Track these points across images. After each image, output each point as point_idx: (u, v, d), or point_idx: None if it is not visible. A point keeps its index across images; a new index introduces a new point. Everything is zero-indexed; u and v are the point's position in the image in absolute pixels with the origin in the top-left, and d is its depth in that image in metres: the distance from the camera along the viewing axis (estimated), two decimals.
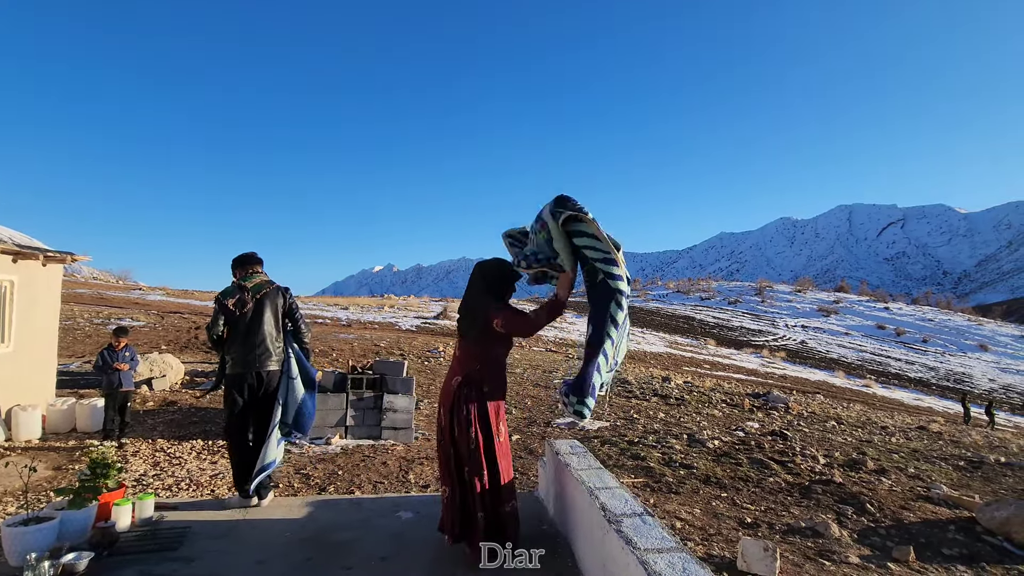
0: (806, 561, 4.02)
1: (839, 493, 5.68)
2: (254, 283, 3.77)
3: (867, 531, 4.80)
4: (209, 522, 3.11)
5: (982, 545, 4.66)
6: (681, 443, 7.50)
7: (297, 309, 3.95)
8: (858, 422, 12.06)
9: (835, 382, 32.76)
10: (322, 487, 5.37)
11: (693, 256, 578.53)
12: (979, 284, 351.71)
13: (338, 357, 14.60)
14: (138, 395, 8.93)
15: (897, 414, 17.87)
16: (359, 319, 30.13)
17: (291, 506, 3.43)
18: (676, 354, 34.59)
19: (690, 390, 14.57)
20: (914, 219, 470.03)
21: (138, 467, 5.73)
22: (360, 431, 7.45)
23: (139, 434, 7.02)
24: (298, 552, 2.74)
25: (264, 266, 4.00)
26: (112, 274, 58.66)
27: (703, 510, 5.04)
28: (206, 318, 22.51)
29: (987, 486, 6.79)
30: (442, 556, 2.70)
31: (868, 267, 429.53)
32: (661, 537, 1.98)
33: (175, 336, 16.81)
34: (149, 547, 2.69)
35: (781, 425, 9.91)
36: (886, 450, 8.35)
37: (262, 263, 3.98)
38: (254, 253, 3.98)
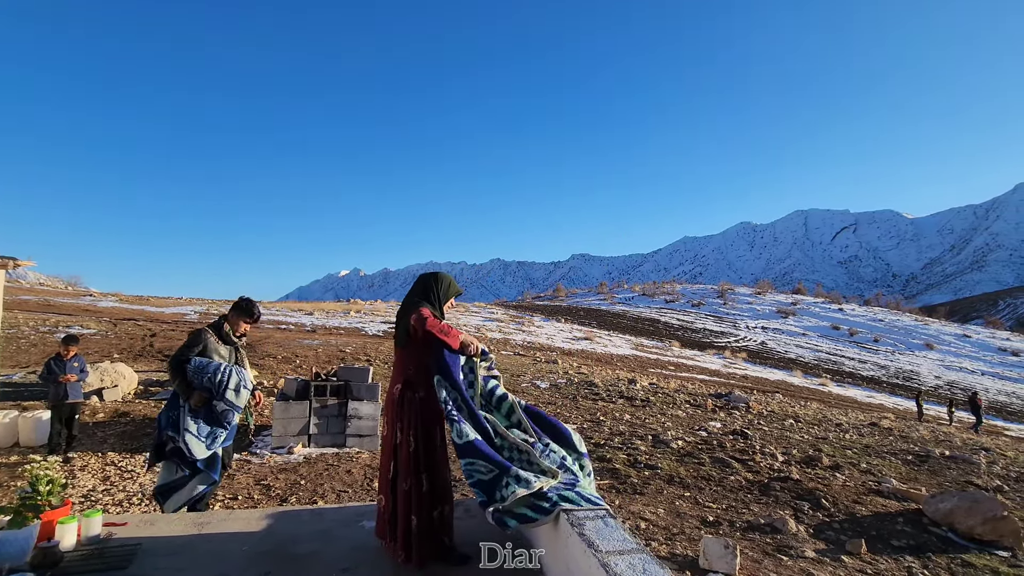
0: (765, 557, 4.14)
1: (796, 489, 5.87)
2: None
3: (822, 526, 4.97)
4: (162, 538, 2.98)
5: (928, 536, 4.89)
6: (646, 444, 7.62)
7: None
8: (815, 420, 12.48)
9: (793, 381, 33.85)
10: (283, 498, 5.23)
11: (658, 260, 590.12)
12: (925, 286, 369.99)
13: (301, 364, 14.27)
14: (87, 406, 8.53)
15: (851, 411, 18.57)
16: (324, 324, 29.54)
17: (250, 519, 3.32)
18: (642, 356, 35.12)
19: (655, 391, 14.81)
20: (865, 224, 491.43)
21: (86, 482, 5.47)
22: (324, 439, 7.31)
23: (88, 447, 6.70)
24: (256, 566, 2.66)
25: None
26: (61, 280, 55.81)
27: (667, 510, 5.13)
28: (162, 325, 21.67)
29: (933, 479, 7.12)
30: (405, 569, 2.66)
31: (823, 270, 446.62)
32: (623, 539, 2.00)
33: (129, 344, 16.13)
34: (96, 567, 2.56)
35: (742, 424, 10.17)
36: (840, 446, 8.67)
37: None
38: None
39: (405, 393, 2.70)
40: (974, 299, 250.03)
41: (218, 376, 3.80)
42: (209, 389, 3.78)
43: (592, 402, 11.95)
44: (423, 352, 2.74)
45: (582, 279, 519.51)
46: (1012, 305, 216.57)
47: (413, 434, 2.63)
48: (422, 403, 2.69)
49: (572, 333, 45.15)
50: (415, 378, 2.73)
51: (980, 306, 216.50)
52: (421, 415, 2.68)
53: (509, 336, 35.44)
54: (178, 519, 3.31)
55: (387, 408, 2.79)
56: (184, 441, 3.67)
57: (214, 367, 3.81)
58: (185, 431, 3.69)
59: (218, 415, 3.82)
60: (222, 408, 3.82)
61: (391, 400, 2.75)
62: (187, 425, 3.70)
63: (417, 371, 2.73)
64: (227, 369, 3.85)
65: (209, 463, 3.82)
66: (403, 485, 2.59)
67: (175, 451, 3.70)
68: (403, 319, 2.80)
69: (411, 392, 2.69)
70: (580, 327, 52.75)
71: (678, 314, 75.66)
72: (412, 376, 2.73)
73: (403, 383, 2.72)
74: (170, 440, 3.70)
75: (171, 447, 3.71)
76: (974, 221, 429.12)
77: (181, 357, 3.80)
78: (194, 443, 3.70)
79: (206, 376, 3.77)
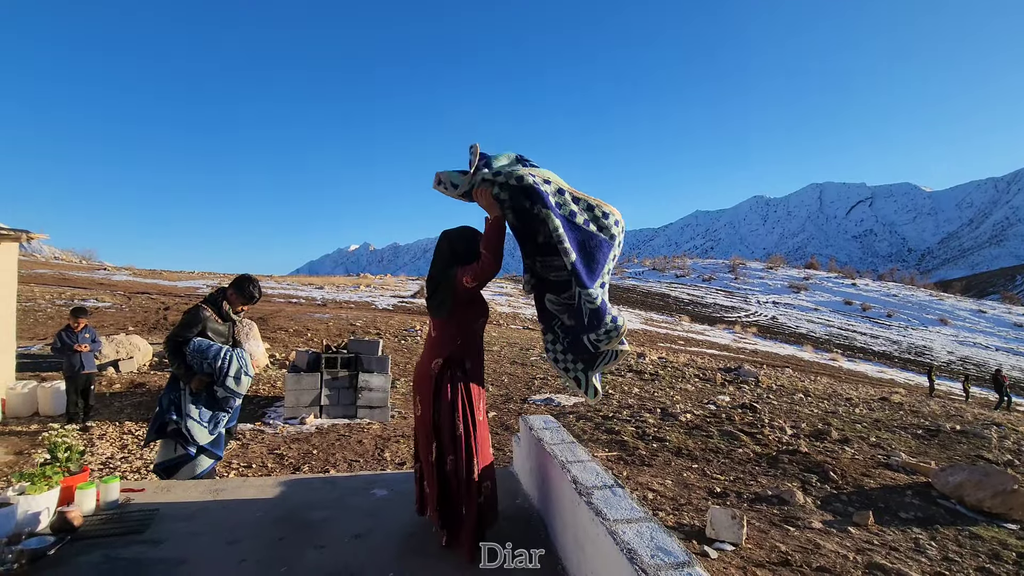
0: (772, 528, 4.17)
1: (804, 462, 5.88)
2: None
3: (830, 498, 4.98)
4: (178, 504, 3.05)
5: (936, 508, 4.89)
6: (654, 417, 7.65)
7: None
8: (824, 394, 12.46)
9: (803, 356, 33.76)
10: (296, 467, 5.33)
11: (669, 234, 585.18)
12: (941, 261, 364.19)
13: (313, 337, 14.42)
14: (103, 377, 8.70)
15: (861, 386, 18.52)
16: (334, 299, 29.75)
17: (263, 486, 3.39)
18: (651, 331, 35.12)
19: (664, 365, 14.83)
20: (882, 197, 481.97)
21: (105, 450, 5.61)
22: (335, 410, 7.41)
23: (106, 417, 6.85)
24: (270, 532, 2.72)
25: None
26: (75, 254, 56.51)
27: (674, 481, 5.17)
28: (175, 298, 21.94)
29: (943, 453, 7.10)
30: (416, 532, 2.70)
31: (837, 244, 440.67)
32: (630, 508, 2.01)
33: (143, 317, 16.37)
34: (114, 531, 2.63)
35: (751, 398, 10.17)
36: (850, 420, 8.66)
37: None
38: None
39: (446, 371, 2.50)
40: (991, 274, 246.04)
41: (218, 362, 3.69)
42: (210, 374, 3.70)
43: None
44: (469, 318, 2.56)
45: None
46: None
47: (457, 414, 2.46)
48: (466, 377, 2.52)
49: None
50: (460, 351, 2.54)
51: (997, 281, 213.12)
52: (466, 393, 2.51)
53: (519, 310, 35.51)
54: (194, 486, 3.38)
55: (422, 385, 2.56)
56: (186, 427, 3.64)
57: (214, 351, 3.70)
58: (187, 416, 3.65)
59: (219, 400, 3.78)
60: (223, 394, 3.76)
61: (426, 377, 2.53)
62: (188, 411, 3.66)
63: (464, 342, 2.56)
64: (228, 355, 3.75)
65: (213, 442, 3.81)
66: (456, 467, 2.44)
67: (176, 432, 3.66)
68: (441, 287, 2.50)
69: (453, 369, 2.51)
70: None
71: (688, 289, 75.29)
72: (457, 350, 2.54)
73: (445, 359, 2.51)
74: (172, 423, 3.65)
75: (172, 428, 3.66)
76: (994, 195, 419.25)
77: (178, 338, 3.69)
78: (196, 429, 3.68)
79: (206, 361, 3.67)
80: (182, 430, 3.66)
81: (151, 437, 3.77)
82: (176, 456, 3.70)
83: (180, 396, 3.70)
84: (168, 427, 3.68)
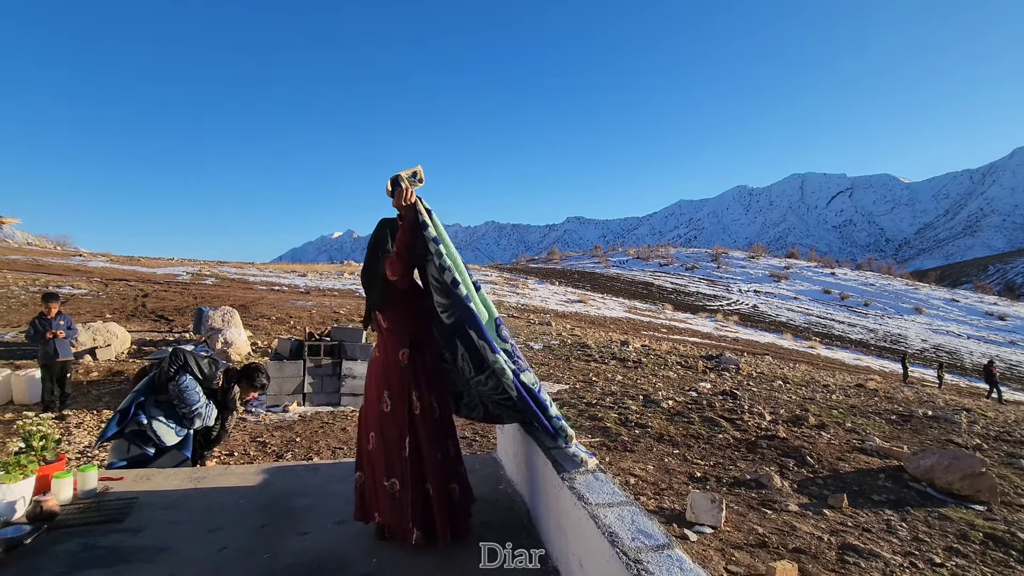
0: (750, 511, 4.26)
1: (782, 447, 6.01)
2: None
3: (806, 481, 5.11)
4: (159, 492, 3.02)
5: (908, 491, 5.04)
6: (637, 404, 7.74)
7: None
8: (803, 381, 12.71)
9: (783, 344, 34.35)
10: (279, 454, 5.31)
11: (653, 223, 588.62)
12: (917, 251, 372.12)
13: (295, 325, 14.29)
14: (80, 365, 8.54)
15: (839, 373, 18.92)
16: (318, 286, 29.47)
17: (246, 474, 3.37)
18: (635, 319, 35.41)
19: (647, 353, 14.99)
20: (862, 188, 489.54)
21: (83, 439, 5.52)
22: (319, 398, 7.37)
23: (83, 405, 6.74)
24: (252, 519, 2.70)
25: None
26: (49, 239, 55.02)
27: (656, 466, 5.25)
28: (154, 285, 21.53)
29: (915, 437, 7.31)
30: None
31: (817, 234, 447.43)
32: (612, 492, 2.03)
33: (121, 304, 16.05)
34: (93, 519, 2.60)
35: (732, 385, 10.34)
36: (827, 407, 8.85)
37: None
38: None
39: (416, 357, 2.44)
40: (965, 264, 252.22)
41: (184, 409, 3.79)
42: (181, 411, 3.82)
43: (585, 363, 12.08)
44: (420, 305, 2.51)
45: (577, 242, 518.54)
46: (1002, 270, 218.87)
47: (435, 399, 2.45)
48: (434, 361, 2.52)
49: (566, 296, 45.34)
50: (424, 337, 2.51)
51: (971, 271, 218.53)
52: (438, 376, 2.52)
53: (503, 298, 35.54)
54: (174, 474, 3.35)
55: (390, 378, 2.44)
56: (153, 429, 3.67)
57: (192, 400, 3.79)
58: (153, 419, 3.70)
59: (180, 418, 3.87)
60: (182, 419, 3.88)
61: (396, 368, 2.43)
62: (155, 415, 3.72)
63: (421, 327, 2.52)
64: (197, 411, 3.85)
65: (180, 443, 3.83)
66: (435, 456, 2.41)
67: (135, 433, 3.67)
68: (380, 276, 2.44)
69: (422, 354, 2.47)
70: (574, 290, 52.95)
71: (672, 277, 75.96)
72: (421, 335, 2.50)
73: (411, 345, 2.45)
74: (135, 424, 3.66)
75: (132, 430, 3.67)
76: (970, 186, 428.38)
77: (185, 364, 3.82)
78: (164, 431, 3.72)
79: (178, 400, 3.77)
80: (147, 432, 3.67)
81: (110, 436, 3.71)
82: (130, 456, 3.68)
83: (146, 400, 3.75)
84: (127, 428, 3.66)
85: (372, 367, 2.55)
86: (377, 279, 2.45)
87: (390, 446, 2.41)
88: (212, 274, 31.24)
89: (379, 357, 2.51)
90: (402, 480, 2.37)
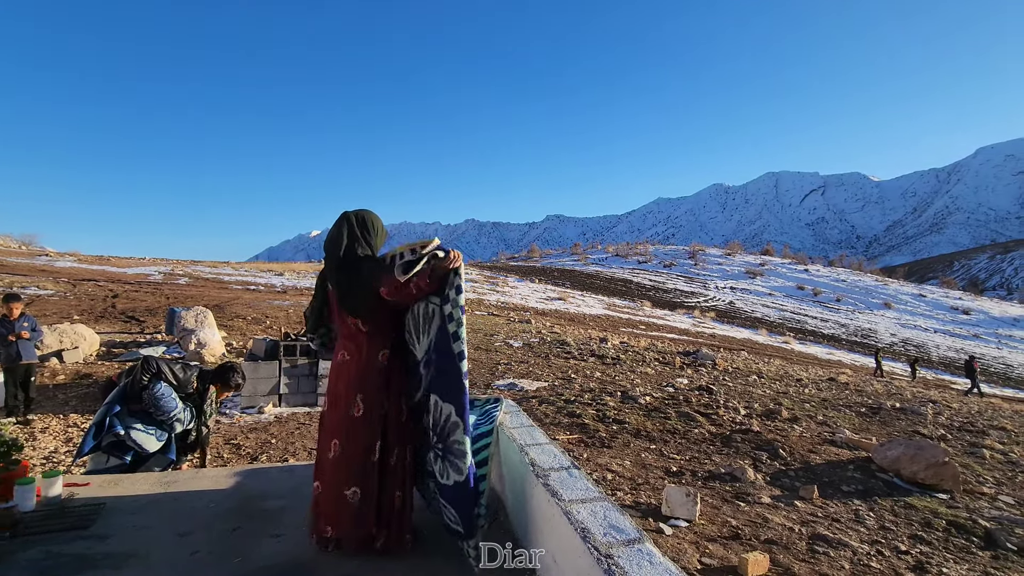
0: (724, 504, 4.34)
1: (756, 441, 6.13)
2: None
3: (779, 474, 5.22)
4: (127, 497, 2.95)
5: (875, 481, 5.18)
6: (615, 400, 7.82)
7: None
8: (777, 376, 12.97)
9: (758, 339, 35.02)
10: (254, 456, 5.23)
11: (632, 221, 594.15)
12: (887, 247, 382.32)
13: (272, 324, 14.08)
14: (45, 368, 8.29)
15: (811, 367, 19.38)
16: (295, 285, 29.06)
17: (218, 477, 3.31)
18: (614, 316, 35.71)
19: (626, 350, 15.13)
20: (833, 186, 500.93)
21: (48, 444, 5.36)
22: (295, 399, 7.28)
23: (49, 410, 6.54)
24: (224, 522, 2.66)
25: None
26: (13, 239, 53.15)
27: (633, 462, 5.31)
28: (124, 286, 20.98)
29: (883, 429, 7.53)
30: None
31: (791, 232, 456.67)
32: (585, 488, 2.05)
33: (89, 305, 15.62)
34: (56, 526, 2.53)
35: (708, 380, 10.50)
36: (799, 400, 9.06)
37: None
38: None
39: (394, 357, 2.43)
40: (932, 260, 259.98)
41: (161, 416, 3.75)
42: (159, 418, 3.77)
43: (564, 360, 12.15)
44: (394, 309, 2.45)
45: (557, 240, 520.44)
46: (966, 266, 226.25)
47: (404, 401, 2.43)
48: (410, 365, 2.48)
49: (546, 293, 45.49)
50: (401, 338, 2.48)
51: (937, 267, 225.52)
52: (409, 378, 2.47)
53: (483, 296, 35.51)
54: (143, 479, 3.28)
55: (366, 381, 2.37)
56: (132, 438, 3.61)
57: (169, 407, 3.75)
58: (131, 429, 3.63)
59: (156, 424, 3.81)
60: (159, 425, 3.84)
61: (374, 370, 2.37)
62: (132, 424, 3.66)
63: (399, 331, 2.47)
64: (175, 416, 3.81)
65: (163, 448, 3.78)
66: (404, 460, 2.40)
67: (114, 444, 3.60)
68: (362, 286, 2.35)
69: (401, 355, 2.46)
70: (554, 287, 53.16)
71: (650, 275, 76.75)
72: (399, 337, 2.47)
73: (392, 347, 2.42)
74: (112, 436, 3.58)
75: (109, 441, 3.59)
76: (936, 184, 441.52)
77: (158, 371, 3.77)
78: (143, 438, 3.66)
79: (154, 409, 3.71)
80: (125, 442, 3.60)
81: (81, 453, 3.63)
82: (107, 467, 3.60)
83: (122, 409, 3.68)
84: (104, 441, 3.58)
85: (342, 370, 2.43)
86: (363, 289, 2.34)
87: (357, 452, 2.33)
88: (185, 274, 30.58)
89: (351, 360, 2.40)
90: (366, 488, 2.30)
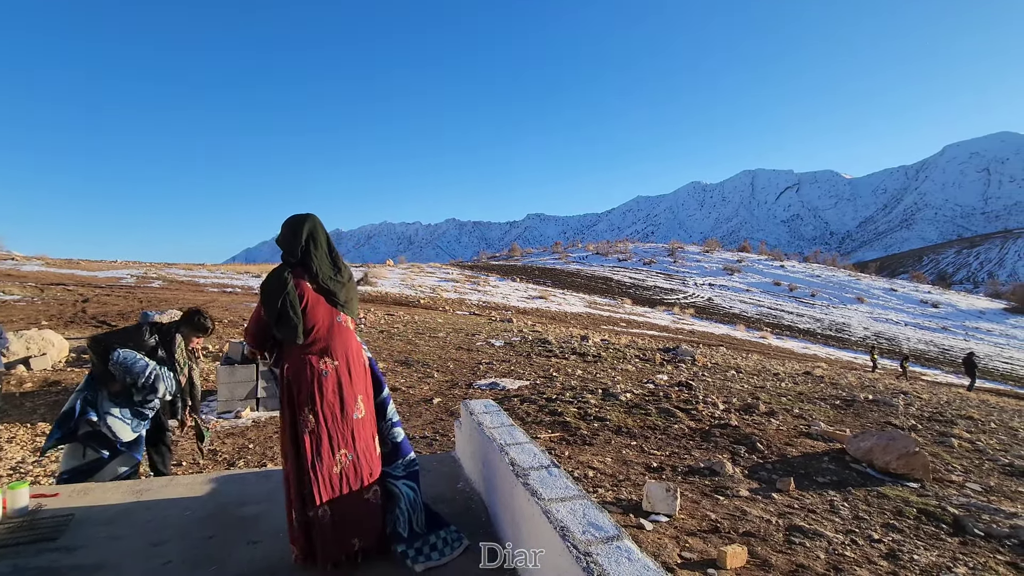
0: (703, 498, 4.39)
1: (734, 435, 6.22)
2: None
3: (756, 467, 5.31)
4: (97, 507, 2.88)
5: (849, 472, 5.30)
6: (596, 397, 7.86)
7: None
8: (754, 370, 13.18)
9: (736, 335, 35.55)
10: (231, 462, 5.14)
11: (612, 219, 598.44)
12: (859, 243, 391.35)
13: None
14: (12, 376, 8.03)
15: (788, 362, 19.73)
16: None
17: (193, 483, 3.24)
18: (595, 313, 35.91)
19: (606, 347, 15.23)
20: (807, 184, 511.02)
21: (14, 454, 5.19)
22: (273, 403, 7.17)
23: (15, 419, 6.33)
24: (199, 530, 2.61)
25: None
26: None
27: (614, 458, 5.34)
28: (95, 290, 20.43)
29: (857, 421, 7.70)
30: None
31: (768, 228, 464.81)
32: (565, 487, 2.06)
33: (58, 310, 15.17)
34: (23, 539, 2.45)
35: (688, 376, 10.62)
36: (776, 394, 9.22)
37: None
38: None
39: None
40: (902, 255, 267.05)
41: (140, 379, 3.54)
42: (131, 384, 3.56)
43: (546, 359, 12.18)
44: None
45: (537, 239, 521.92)
46: (935, 260, 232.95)
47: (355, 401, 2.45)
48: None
49: (527, 292, 45.55)
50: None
51: (907, 262, 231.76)
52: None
53: (465, 296, 35.42)
54: (114, 488, 3.19)
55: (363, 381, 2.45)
56: (107, 425, 3.45)
57: (140, 367, 3.54)
58: (107, 415, 3.48)
59: (137, 406, 3.64)
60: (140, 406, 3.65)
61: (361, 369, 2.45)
62: (108, 409, 3.50)
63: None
64: (152, 374, 3.60)
65: (132, 443, 3.62)
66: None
67: (90, 435, 3.45)
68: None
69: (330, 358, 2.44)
70: (535, 286, 53.26)
71: (630, 272, 77.36)
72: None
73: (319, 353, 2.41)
74: (86, 424, 3.44)
75: (85, 431, 3.45)
76: (905, 181, 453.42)
77: (107, 343, 3.55)
78: (119, 426, 3.50)
79: (128, 376, 3.52)
80: (101, 430, 3.44)
81: (54, 443, 3.45)
82: (86, 461, 3.45)
83: (97, 396, 3.49)
84: (80, 430, 3.43)
85: (325, 380, 2.34)
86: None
87: (368, 453, 2.34)
88: (159, 276, 29.91)
89: (340, 364, 2.38)
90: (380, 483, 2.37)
